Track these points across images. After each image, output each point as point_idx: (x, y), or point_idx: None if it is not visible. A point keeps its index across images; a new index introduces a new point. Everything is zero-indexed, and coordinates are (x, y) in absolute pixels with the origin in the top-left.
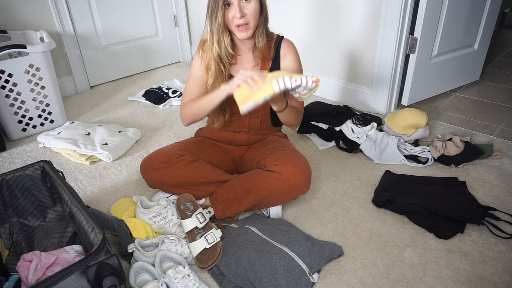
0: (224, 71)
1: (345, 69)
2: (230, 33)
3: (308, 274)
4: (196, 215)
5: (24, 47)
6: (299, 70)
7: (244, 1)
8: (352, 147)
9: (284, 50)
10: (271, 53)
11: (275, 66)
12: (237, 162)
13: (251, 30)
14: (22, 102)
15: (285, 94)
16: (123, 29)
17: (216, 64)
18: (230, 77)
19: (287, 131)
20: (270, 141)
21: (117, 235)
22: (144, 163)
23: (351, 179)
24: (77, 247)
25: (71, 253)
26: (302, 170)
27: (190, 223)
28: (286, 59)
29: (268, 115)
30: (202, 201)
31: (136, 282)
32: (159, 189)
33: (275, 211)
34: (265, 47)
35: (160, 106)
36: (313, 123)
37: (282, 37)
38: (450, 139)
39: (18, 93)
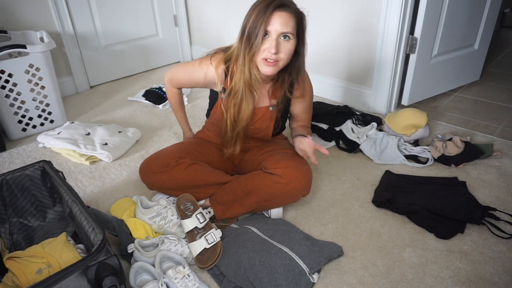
0: (253, 95)
1: (345, 69)
2: None
3: (308, 274)
4: (196, 215)
5: (24, 47)
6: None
7: (282, 37)
8: (352, 147)
9: (300, 92)
10: (282, 91)
11: (284, 101)
12: (236, 163)
13: (277, 69)
14: (22, 102)
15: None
16: (123, 29)
17: (245, 87)
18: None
19: (287, 132)
20: (271, 143)
21: (117, 235)
22: (143, 166)
23: (351, 179)
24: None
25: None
26: (303, 173)
27: (190, 223)
28: (299, 100)
29: (269, 135)
30: (202, 201)
31: (136, 282)
32: (159, 192)
33: (276, 212)
34: (279, 89)
35: (160, 106)
36: (313, 123)
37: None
38: (450, 139)
39: (18, 93)
